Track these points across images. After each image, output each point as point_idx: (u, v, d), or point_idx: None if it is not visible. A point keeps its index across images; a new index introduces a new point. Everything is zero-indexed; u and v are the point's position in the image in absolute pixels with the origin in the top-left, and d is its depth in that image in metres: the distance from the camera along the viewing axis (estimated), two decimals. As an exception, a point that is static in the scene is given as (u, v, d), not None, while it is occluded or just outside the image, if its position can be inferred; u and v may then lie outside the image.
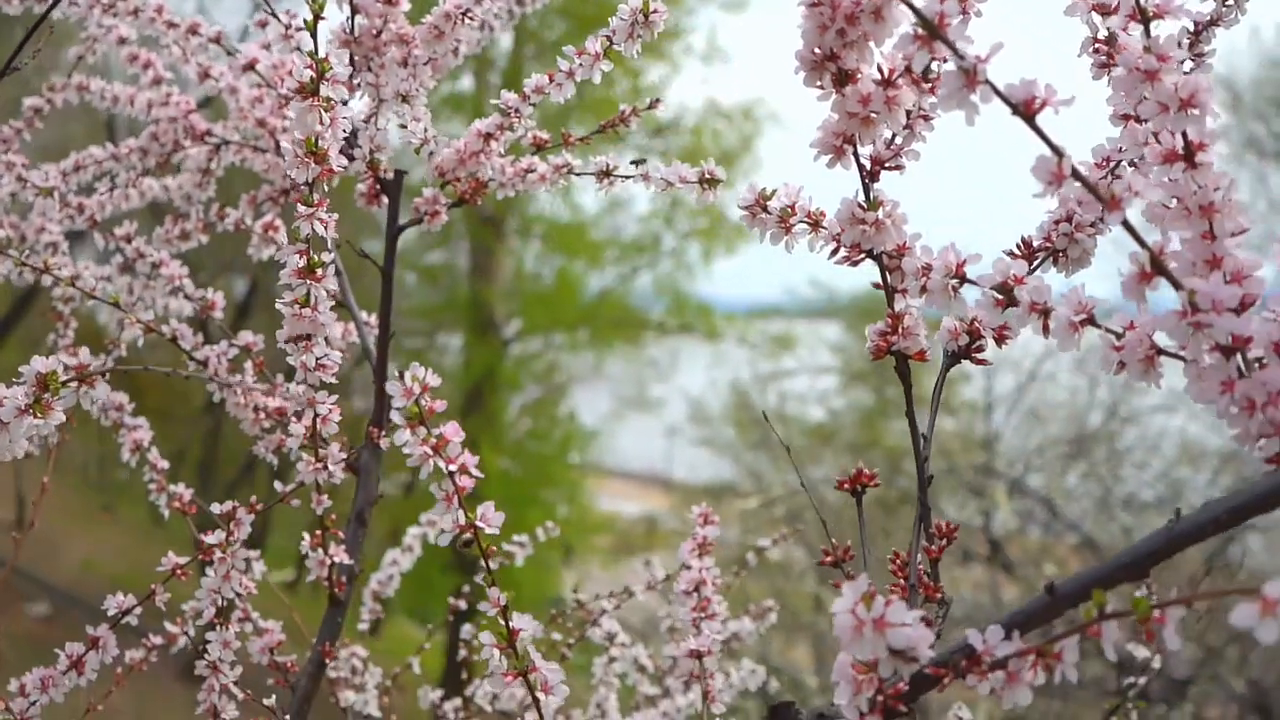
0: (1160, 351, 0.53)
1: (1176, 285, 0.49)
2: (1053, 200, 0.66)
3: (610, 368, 11.91)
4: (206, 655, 0.88)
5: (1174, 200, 0.54)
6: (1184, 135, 0.52)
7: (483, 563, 0.63)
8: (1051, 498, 5.95)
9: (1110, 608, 0.47)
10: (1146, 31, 0.52)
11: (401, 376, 0.59)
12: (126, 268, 1.16)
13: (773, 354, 10.39)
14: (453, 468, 0.60)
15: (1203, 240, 0.52)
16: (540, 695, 0.62)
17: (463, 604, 1.44)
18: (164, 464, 1.07)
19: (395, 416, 0.59)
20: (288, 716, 0.90)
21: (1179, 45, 0.70)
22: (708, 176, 0.79)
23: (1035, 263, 0.67)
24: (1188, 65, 0.70)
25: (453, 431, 0.61)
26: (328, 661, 0.95)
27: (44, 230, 1.23)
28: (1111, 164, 0.67)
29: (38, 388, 0.65)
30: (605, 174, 0.92)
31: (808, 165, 0.61)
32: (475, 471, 0.60)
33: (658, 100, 0.96)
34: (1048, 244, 0.67)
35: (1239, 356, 0.50)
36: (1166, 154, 0.53)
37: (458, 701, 1.40)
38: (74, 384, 0.63)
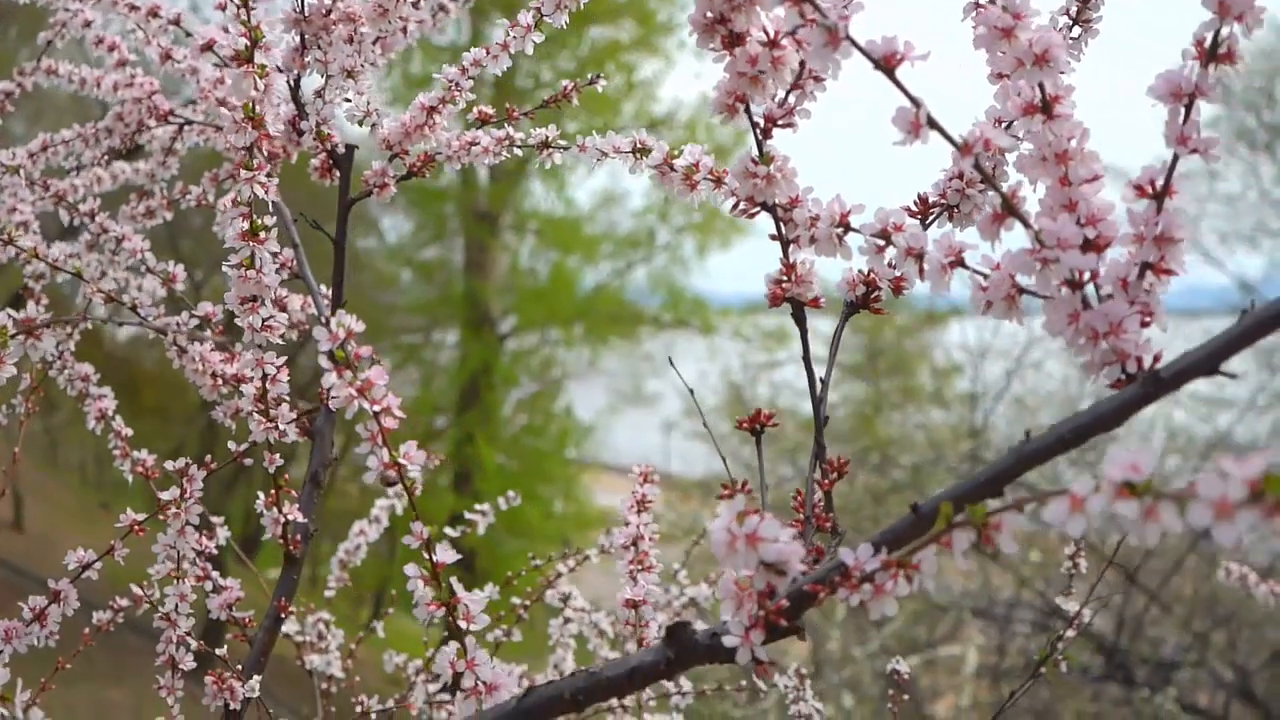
0: (1021, 290, 0.57)
1: (1026, 225, 0.53)
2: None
3: (606, 363, 11.94)
4: (162, 608, 0.92)
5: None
6: (1041, 88, 0.56)
7: (408, 501, 0.67)
8: (1037, 486, 5.99)
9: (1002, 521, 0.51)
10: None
11: (328, 323, 0.63)
12: (92, 244, 1.20)
13: (767, 348, 10.42)
14: (378, 408, 0.64)
15: (1060, 186, 0.56)
16: (463, 624, 0.66)
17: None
18: (128, 431, 1.11)
19: (323, 360, 0.63)
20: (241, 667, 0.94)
21: (1066, 13, 0.74)
22: (639, 146, 0.83)
23: (930, 217, 0.71)
24: (1076, 31, 0.74)
25: (377, 375, 0.65)
26: (283, 616, 0.99)
27: (15, 210, 1.27)
28: (1003, 124, 0.71)
29: (-12, 341, 0.69)
30: (545, 145, 0.96)
31: (803, 159, 0.65)
32: (398, 413, 0.64)
33: (599, 75, 1.00)
34: (942, 199, 0.71)
35: (1086, 291, 0.54)
36: (1026, 106, 0.57)
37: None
38: (20, 336, 0.67)
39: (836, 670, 5.03)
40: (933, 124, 0.53)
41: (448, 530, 1.47)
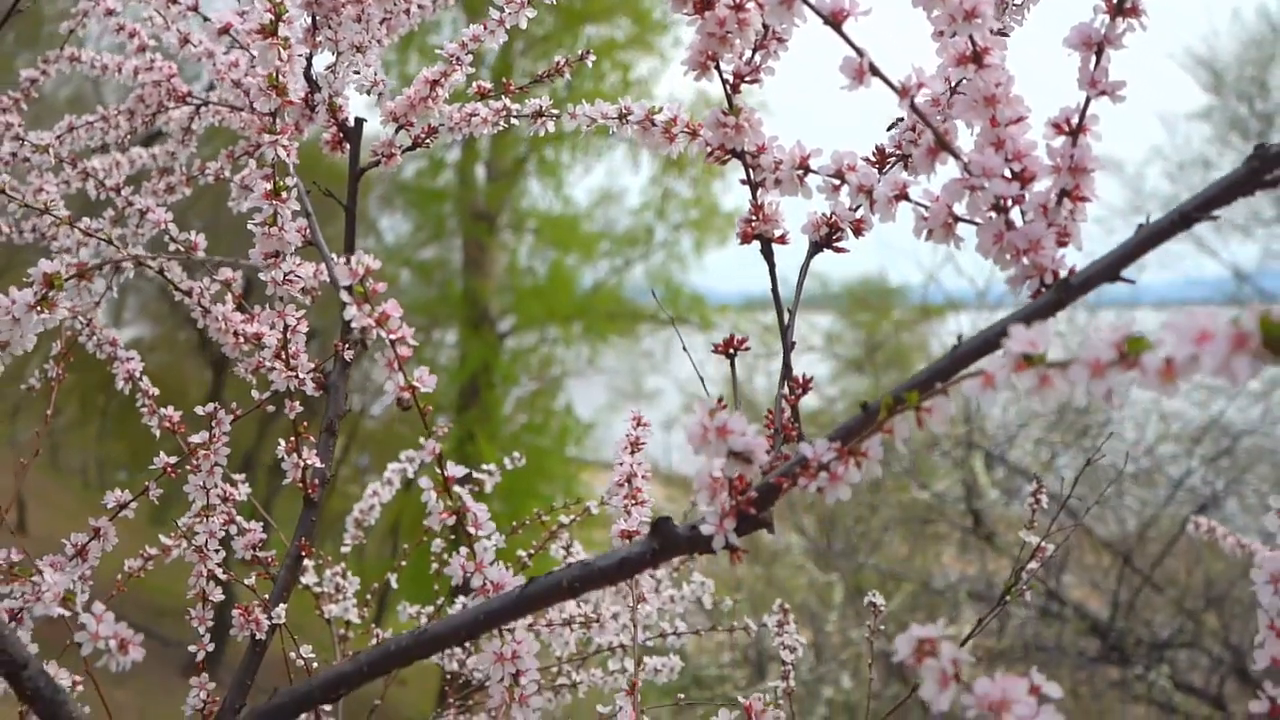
0: (956, 218, 0.65)
1: (956, 156, 0.62)
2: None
3: (605, 360, 12.02)
4: (193, 542, 1.00)
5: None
6: (971, 40, 0.64)
7: (422, 422, 0.75)
8: (1028, 470, 6.08)
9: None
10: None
11: (348, 261, 0.71)
12: (116, 219, 1.28)
13: (765, 343, 10.50)
14: (393, 337, 0.72)
15: (990, 126, 0.64)
16: (472, 531, 0.74)
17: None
18: (155, 390, 1.19)
19: (344, 295, 0.71)
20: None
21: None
22: (624, 112, 0.91)
23: (887, 166, 0.79)
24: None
25: (393, 308, 0.73)
26: (303, 555, 1.07)
27: (41, 190, 1.35)
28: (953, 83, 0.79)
29: (44, 285, 0.77)
30: (539, 114, 1.04)
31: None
32: (411, 341, 0.73)
33: (588, 52, 1.08)
34: (898, 149, 0.79)
35: (1011, 216, 0.62)
36: (959, 57, 0.65)
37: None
38: (74, 280, 0.75)
39: (835, 654, 5.11)
40: (874, 71, 0.61)
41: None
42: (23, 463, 1.34)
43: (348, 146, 1.11)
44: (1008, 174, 0.62)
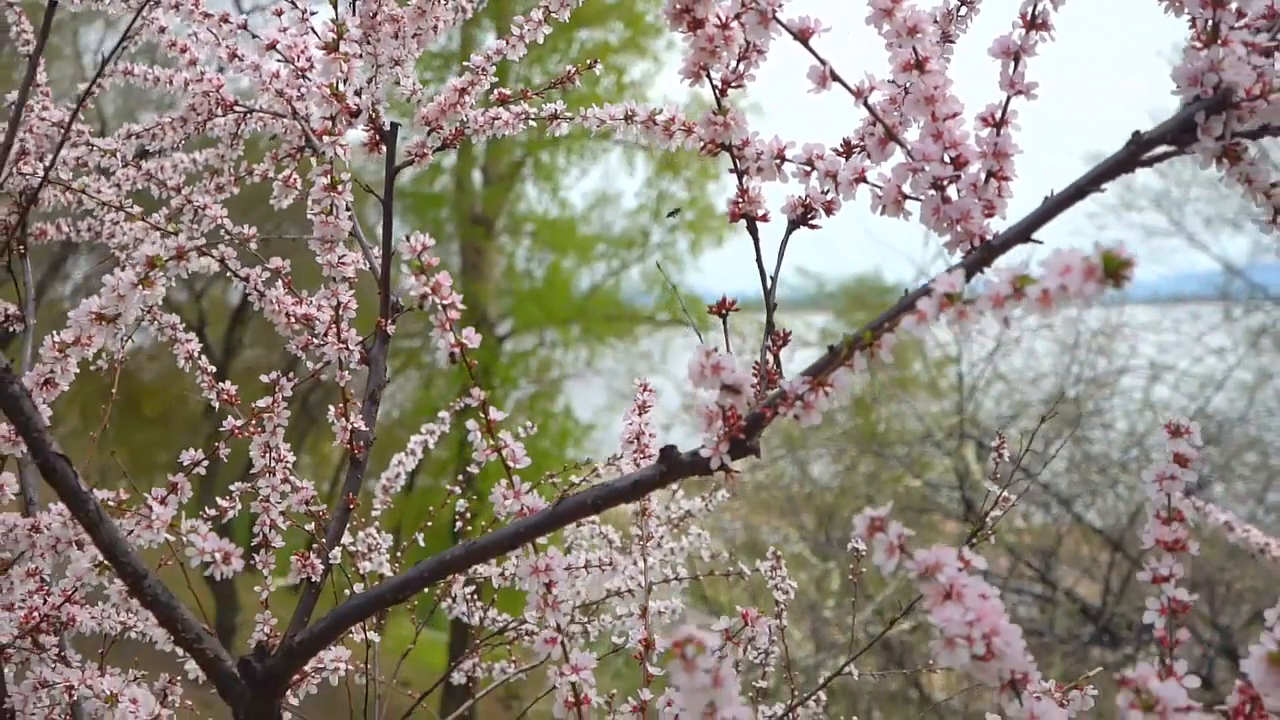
0: (905, 196, 0.80)
1: (902, 145, 0.76)
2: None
3: (603, 362, 12.16)
4: (260, 492, 1.15)
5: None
6: (914, 51, 0.79)
7: (468, 372, 0.89)
8: (1019, 459, 6.23)
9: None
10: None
11: (408, 238, 0.86)
12: (171, 216, 1.43)
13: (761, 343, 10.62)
14: (445, 302, 0.87)
15: (931, 121, 0.79)
16: (511, 464, 0.89)
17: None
18: (212, 368, 1.33)
19: (405, 267, 0.86)
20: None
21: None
22: (630, 113, 1.06)
23: (853, 154, 0.93)
24: (963, 10, 0.96)
25: (444, 278, 0.87)
26: (351, 507, 1.22)
27: (100, 191, 1.49)
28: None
29: (147, 266, 0.91)
30: (554, 116, 1.19)
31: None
32: (459, 305, 0.87)
33: (595, 61, 1.23)
34: (861, 142, 0.93)
35: (948, 192, 0.77)
36: (905, 64, 0.80)
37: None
38: (174, 260, 0.90)
39: (832, 636, 5.26)
40: (835, 77, 0.76)
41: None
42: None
43: (383, 148, 1.26)
44: (945, 159, 0.77)
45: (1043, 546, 6.81)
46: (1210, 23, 0.69)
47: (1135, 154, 0.70)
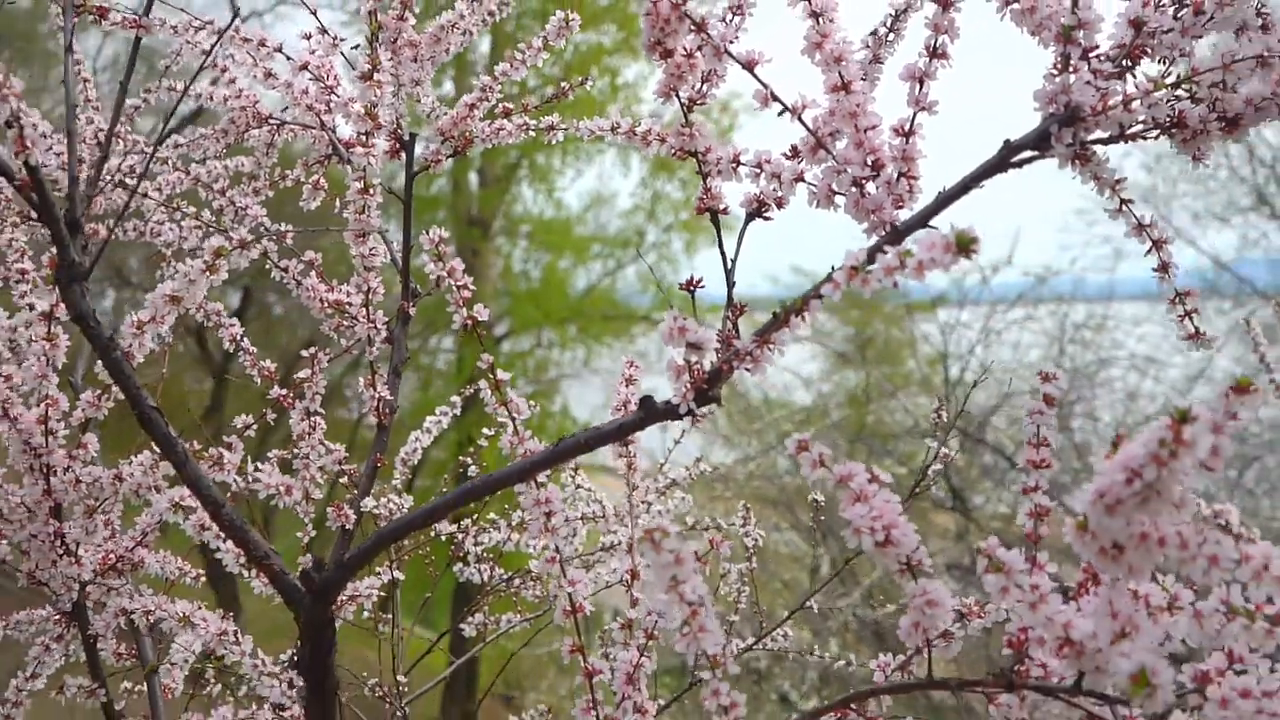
0: (834, 192, 0.99)
1: (829, 152, 0.96)
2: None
3: (600, 362, 12.33)
4: (300, 451, 1.34)
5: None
6: (840, 75, 0.99)
7: (479, 341, 1.09)
8: (1002, 447, 6.43)
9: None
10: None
11: (428, 231, 1.05)
12: (217, 215, 1.62)
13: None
14: (459, 283, 1.06)
15: (854, 131, 0.99)
16: (514, 415, 1.08)
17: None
18: (253, 350, 1.53)
19: (424, 255, 1.05)
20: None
21: (884, 25, 1.16)
22: (615, 125, 1.25)
23: (801, 160, 1.13)
24: (891, 36, 1.16)
25: (458, 264, 1.07)
26: (379, 465, 1.41)
27: (146, 195, 1.69)
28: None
29: (213, 255, 1.11)
30: (552, 127, 1.38)
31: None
32: (471, 286, 1.06)
33: (586, 78, 1.43)
34: (800, 148, 1.13)
35: (867, 189, 0.96)
36: (832, 86, 0.99)
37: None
38: (236, 249, 1.09)
39: (822, 620, 5.45)
40: (775, 97, 0.96)
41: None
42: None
43: (403, 155, 1.45)
44: (866, 162, 0.97)
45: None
46: (1063, 55, 0.89)
47: (1006, 157, 0.90)
